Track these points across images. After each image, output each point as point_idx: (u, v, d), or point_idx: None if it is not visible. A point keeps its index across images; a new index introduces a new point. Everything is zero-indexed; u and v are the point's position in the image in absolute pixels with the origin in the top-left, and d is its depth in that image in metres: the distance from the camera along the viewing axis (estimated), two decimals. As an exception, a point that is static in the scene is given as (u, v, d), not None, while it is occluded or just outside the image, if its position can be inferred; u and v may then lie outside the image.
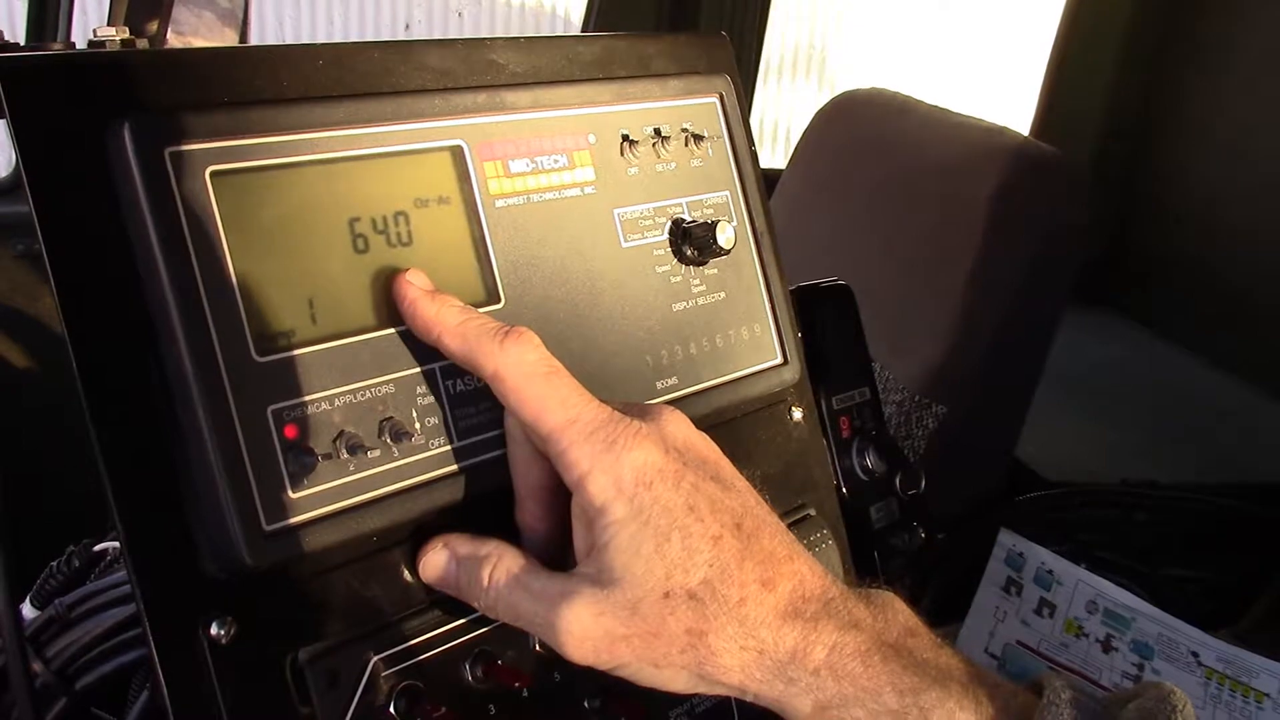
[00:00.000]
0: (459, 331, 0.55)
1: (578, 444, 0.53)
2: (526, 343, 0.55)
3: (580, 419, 0.54)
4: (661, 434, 0.55)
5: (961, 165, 1.73)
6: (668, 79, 0.73)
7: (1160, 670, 1.28)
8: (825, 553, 0.76)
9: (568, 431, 0.53)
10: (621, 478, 0.53)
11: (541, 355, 0.55)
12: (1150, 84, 2.73)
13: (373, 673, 0.55)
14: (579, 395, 0.55)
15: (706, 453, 0.57)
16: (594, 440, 0.53)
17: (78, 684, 0.71)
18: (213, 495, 0.50)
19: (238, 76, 0.56)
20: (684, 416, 0.58)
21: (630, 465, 0.53)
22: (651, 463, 0.53)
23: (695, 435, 0.57)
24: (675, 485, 0.53)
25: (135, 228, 0.50)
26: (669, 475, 0.53)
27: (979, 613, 1.36)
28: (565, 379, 0.55)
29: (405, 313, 0.56)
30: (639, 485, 0.53)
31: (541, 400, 0.54)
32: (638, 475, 0.53)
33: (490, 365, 0.55)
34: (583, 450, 0.53)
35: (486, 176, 0.62)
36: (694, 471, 0.54)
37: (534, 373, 0.54)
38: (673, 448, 0.55)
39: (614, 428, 0.54)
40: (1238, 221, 2.51)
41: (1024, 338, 1.68)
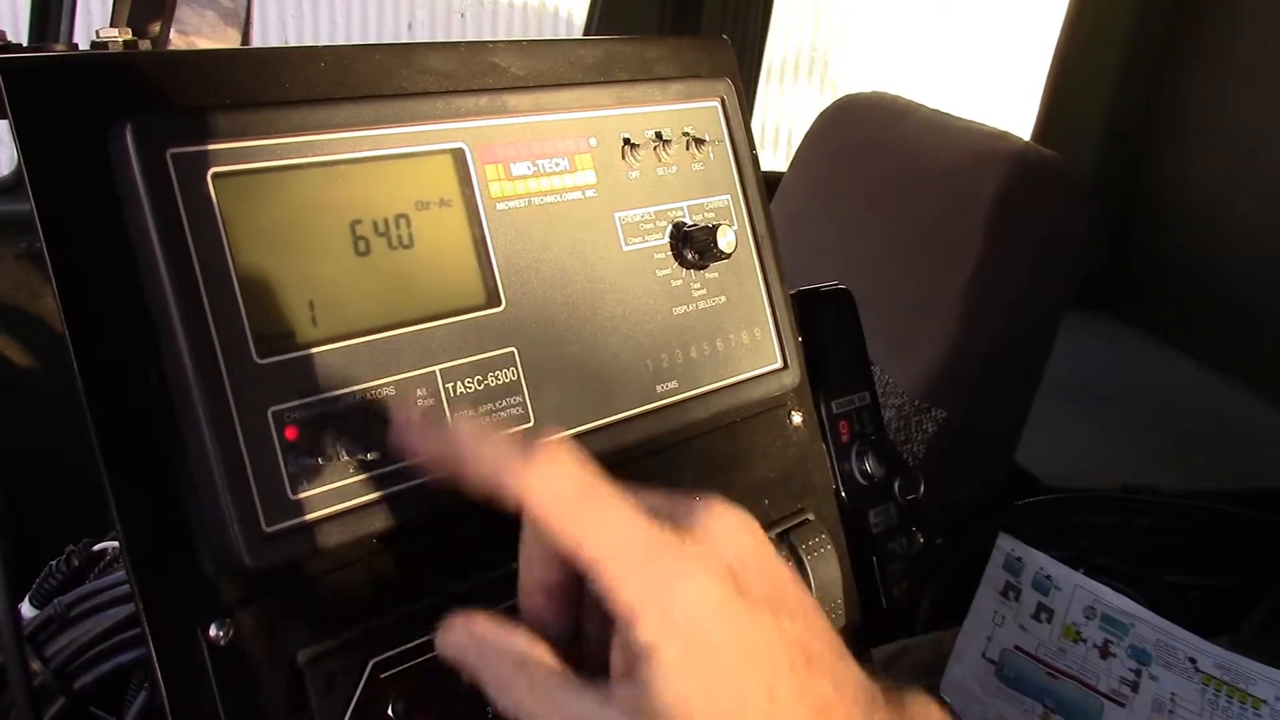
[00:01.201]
0: (478, 455, 0.50)
1: (625, 579, 0.47)
2: (555, 460, 0.49)
3: (624, 549, 0.48)
4: (716, 552, 0.49)
5: (963, 170, 1.73)
6: (669, 82, 0.73)
7: (1158, 676, 1.28)
8: (824, 557, 0.76)
9: (612, 564, 0.47)
10: (673, 618, 0.47)
11: (574, 472, 0.49)
12: (1151, 89, 2.74)
13: (371, 675, 0.55)
14: (620, 514, 0.48)
15: (762, 564, 0.51)
16: (643, 575, 0.47)
17: (76, 683, 0.71)
18: (213, 496, 0.50)
19: (240, 78, 0.56)
20: (734, 512, 0.52)
21: (683, 604, 0.47)
22: (707, 598, 0.47)
23: (750, 537, 0.51)
24: (730, 623, 0.48)
25: (137, 229, 0.50)
26: (724, 612, 0.48)
27: (977, 617, 1.36)
28: (603, 497, 0.49)
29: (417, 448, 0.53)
30: (693, 626, 0.47)
31: (579, 529, 0.48)
32: (690, 615, 0.47)
33: (514, 489, 0.49)
34: (631, 587, 0.47)
35: (488, 179, 0.62)
36: (750, 601, 0.49)
37: (566, 497, 0.48)
38: (728, 571, 0.49)
39: (664, 557, 0.48)
40: (1239, 226, 2.51)
41: (1024, 342, 1.68)
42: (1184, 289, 2.63)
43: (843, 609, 0.77)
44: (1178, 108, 2.70)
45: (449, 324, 0.59)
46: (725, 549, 0.50)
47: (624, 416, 0.66)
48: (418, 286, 0.59)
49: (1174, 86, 2.70)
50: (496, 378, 0.61)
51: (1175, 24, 2.68)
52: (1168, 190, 2.73)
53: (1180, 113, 2.70)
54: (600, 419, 0.65)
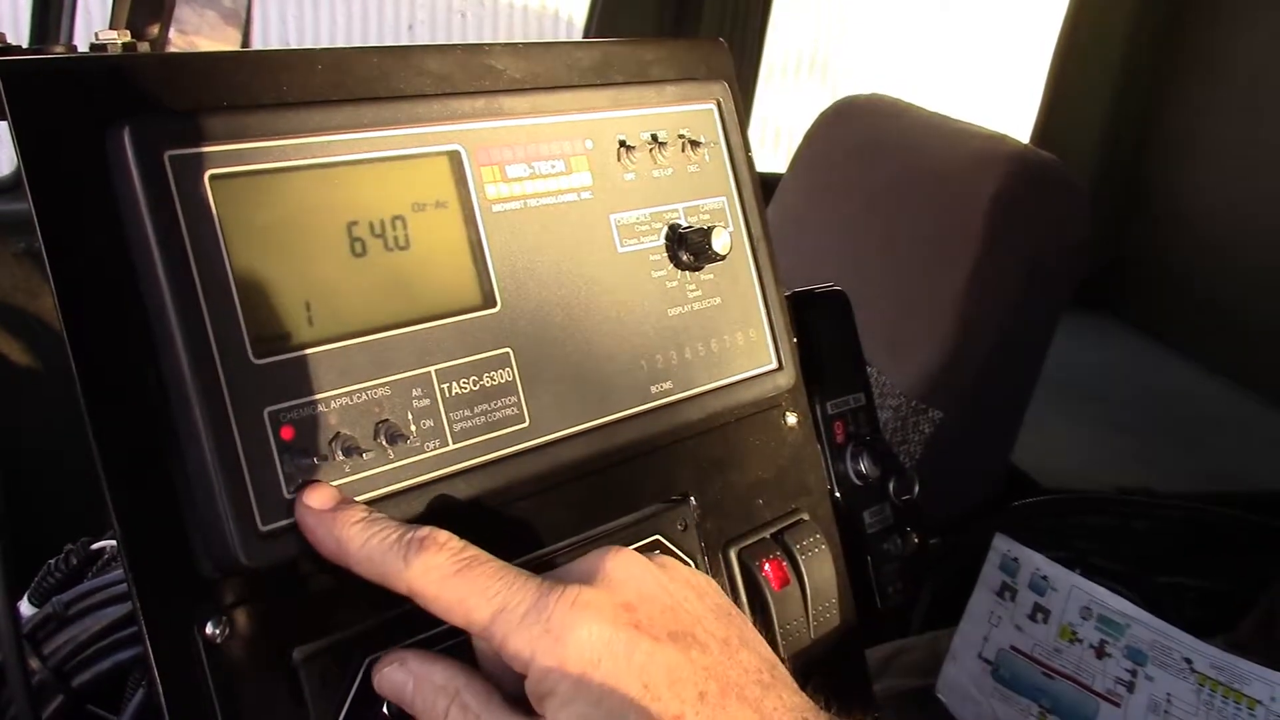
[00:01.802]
0: (363, 556, 0.52)
1: (513, 634, 0.49)
2: (430, 547, 0.51)
3: (508, 606, 0.50)
4: (608, 593, 0.51)
5: (961, 172, 1.73)
6: (665, 85, 0.73)
7: (1153, 676, 1.28)
8: (818, 558, 0.77)
9: (498, 622, 0.49)
10: (566, 661, 0.48)
11: (450, 553, 0.51)
12: (1150, 92, 2.74)
13: (366, 673, 0.55)
14: (500, 578, 0.50)
15: (670, 601, 0.52)
16: (528, 625, 0.49)
17: (74, 681, 0.72)
18: (209, 495, 0.51)
19: (238, 81, 0.56)
20: (631, 555, 0.53)
21: (574, 646, 0.48)
22: (597, 638, 0.49)
23: (649, 577, 0.53)
24: (628, 660, 0.49)
25: (135, 230, 0.51)
26: (619, 649, 0.49)
27: (973, 618, 1.37)
28: (481, 567, 0.51)
29: (310, 540, 0.53)
30: (586, 666, 0.48)
31: (464, 601, 0.50)
32: (583, 656, 0.48)
33: (403, 585, 0.51)
34: (520, 639, 0.49)
35: (484, 181, 0.63)
36: (649, 635, 0.50)
37: (445, 575, 0.50)
38: (623, 607, 0.50)
39: (547, 604, 0.49)
40: (1237, 228, 2.52)
41: (1021, 344, 1.69)
42: (1181, 291, 2.64)
43: (837, 609, 0.78)
44: (1176, 110, 2.71)
45: (445, 325, 0.60)
46: (621, 589, 0.51)
47: (619, 417, 0.66)
48: (414, 287, 0.59)
49: (1172, 89, 2.71)
50: (492, 378, 0.61)
51: (1174, 27, 2.68)
52: (1166, 192, 2.73)
53: (1178, 115, 2.70)
54: (595, 419, 0.65)
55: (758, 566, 0.74)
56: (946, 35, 6.65)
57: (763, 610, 0.74)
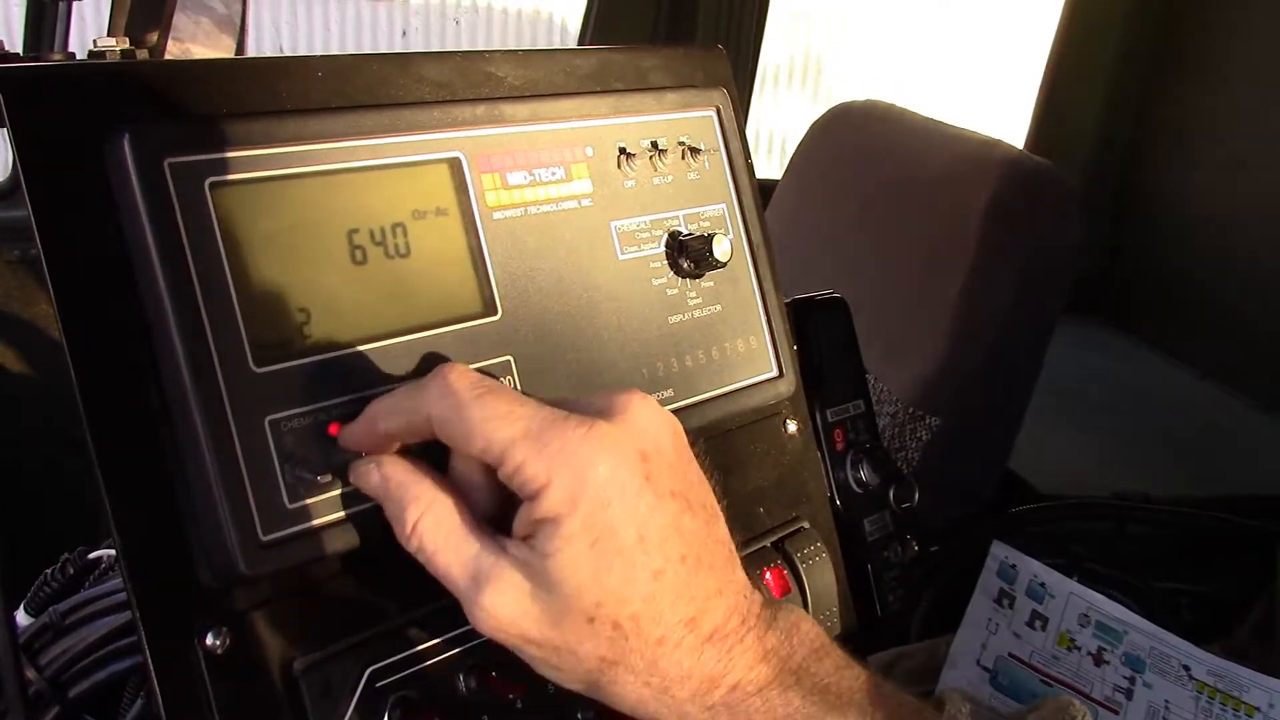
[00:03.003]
0: (384, 409, 0.53)
1: (533, 457, 0.49)
2: (449, 373, 0.51)
3: (530, 431, 0.49)
4: (629, 433, 0.51)
5: (956, 177, 1.73)
6: (665, 92, 0.73)
7: (1152, 683, 1.28)
8: (819, 565, 0.76)
9: (519, 445, 0.49)
10: (579, 494, 0.49)
11: (469, 380, 0.51)
12: (1144, 97, 2.75)
13: (367, 683, 0.55)
14: (522, 404, 0.50)
15: (676, 457, 0.53)
16: (550, 453, 0.49)
17: (71, 691, 0.71)
18: (210, 505, 0.50)
19: (237, 88, 0.56)
20: (653, 403, 0.53)
21: (591, 480, 0.49)
22: (612, 479, 0.49)
23: (666, 429, 0.53)
24: (633, 507, 0.50)
25: (134, 238, 0.51)
26: (629, 493, 0.50)
27: (971, 625, 1.36)
28: (503, 393, 0.51)
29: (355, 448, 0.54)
30: (596, 504, 0.49)
31: (484, 424, 0.50)
32: (598, 493, 0.49)
33: (422, 413, 0.51)
34: (539, 464, 0.49)
35: (484, 188, 0.62)
36: (655, 486, 0.51)
37: (466, 399, 0.50)
38: (639, 451, 0.51)
39: (573, 435, 0.49)
40: (1232, 233, 2.52)
41: (1018, 350, 1.68)
42: (1177, 296, 2.64)
43: (838, 617, 0.78)
44: (1170, 115, 2.71)
45: (446, 332, 0.59)
46: (641, 436, 0.51)
47: (620, 425, 0.66)
48: (414, 295, 0.59)
49: (1166, 94, 2.71)
50: (493, 386, 0.61)
51: (1168, 33, 2.69)
52: (1160, 197, 2.74)
53: (1173, 121, 2.71)
54: (596, 427, 0.65)
55: (759, 575, 0.74)
56: (940, 42, 6.66)
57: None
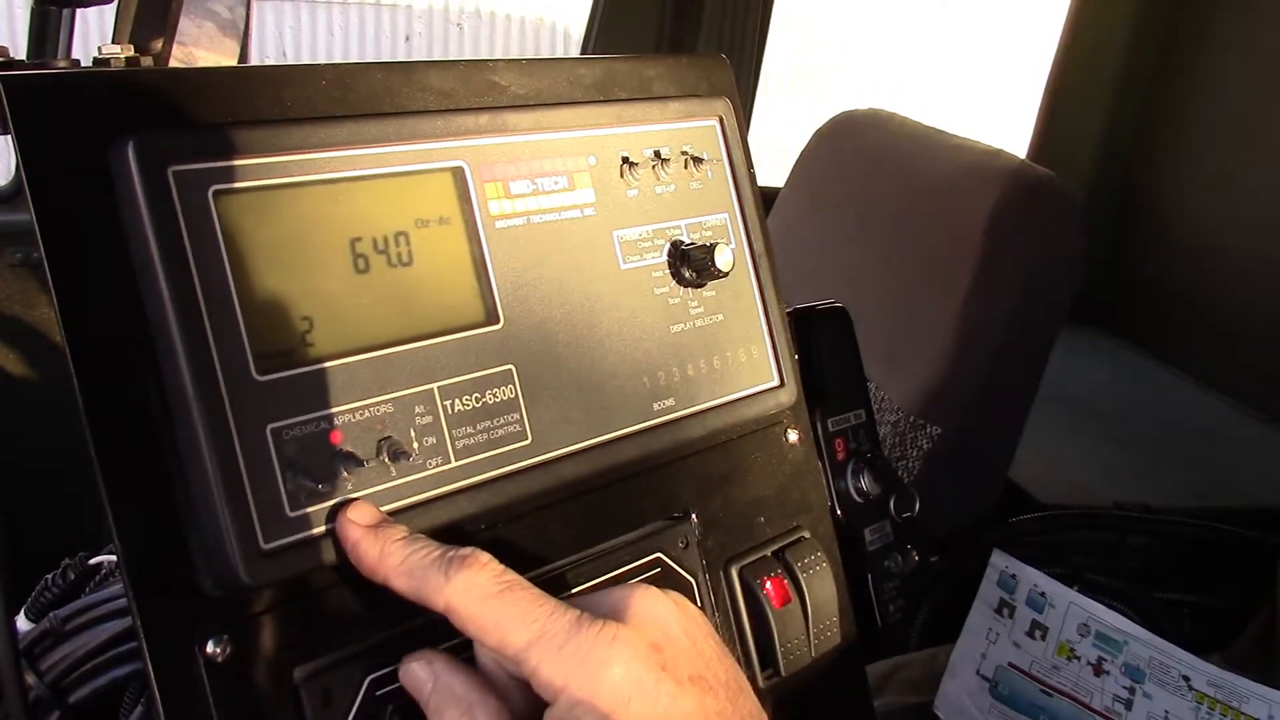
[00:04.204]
0: (404, 570, 0.53)
1: (548, 662, 0.50)
2: (472, 565, 0.52)
3: (546, 633, 0.50)
4: (639, 632, 0.52)
5: (958, 187, 1.74)
6: (668, 101, 0.73)
7: (1151, 694, 1.28)
8: (819, 575, 0.76)
9: (535, 649, 0.50)
10: (598, 696, 0.49)
11: (491, 574, 0.52)
12: (1147, 108, 2.75)
13: (367, 691, 0.55)
14: (540, 606, 0.51)
15: (691, 643, 0.54)
16: (565, 656, 0.50)
17: (71, 698, 0.71)
18: (211, 513, 0.50)
19: (242, 96, 0.56)
20: (657, 594, 0.55)
21: (608, 683, 0.49)
22: (629, 677, 0.50)
23: (674, 617, 0.54)
24: (654, 701, 0.50)
25: (138, 245, 0.51)
26: (648, 689, 0.50)
27: (971, 634, 1.37)
28: (522, 592, 0.52)
29: (350, 555, 0.54)
30: (617, 705, 0.49)
31: (501, 623, 0.51)
32: (615, 693, 0.49)
33: (441, 600, 0.52)
34: (555, 668, 0.50)
35: (487, 197, 0.63)
36: (673, 674, 0.51)
37: (486, 594, 0.51)
38: (652, 646, 0.51)
39: (586, 638, 0.50)
40: (1234, 244, 2.52)
41: (1019, 359, 1.69)
42: (1178, 306, 2.64)
43: (838, 626, 0.77)
44: (1172, 126, 2.72)
45: (448, 341, 0.60)
46: (651, 630, 0.52)
47: (621, 434, 0.66)
48: (417, 304, 0.59)
49: (1169, 105, 2.72)
50: (494, 395, 0.61)
51: (1171, 43, 2.69)
52: (1162, 208, 2.74)
53: (1175, 131, 2.71)
54: (597, 436, 0.65)
55: (759, 584, 0.73)
56: (943, 50, 6.67)
57: (764, 628, 0.73)
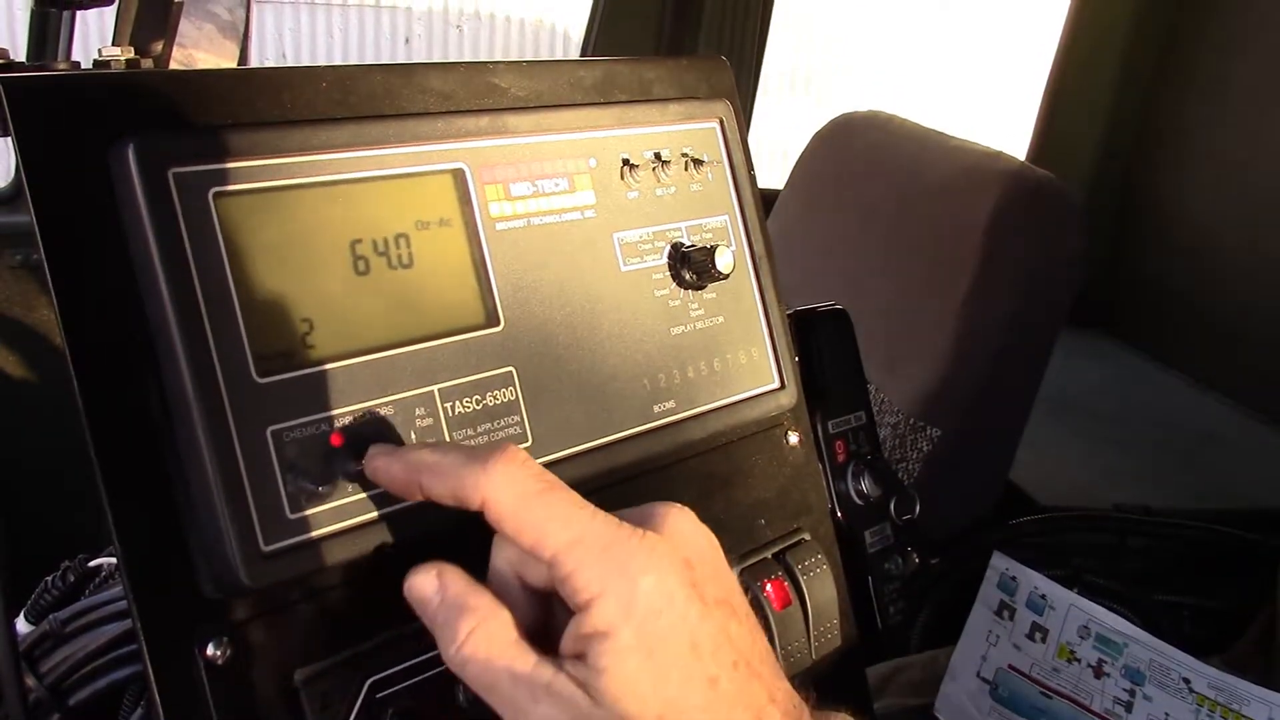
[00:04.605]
0: (438, 471, 0.52)
1: (587, 565, 0.49)
2: (512, 460, 0.51)
3: (586, 537, 0.50)
4: (676, 548, 0.51)
5: (958, 189, 1.74)
6: (668, 103, 0.73)
7: (1152, 696, 1.28)
8: (820, 577, 0.76)
9: (574, 551, 0.49)
10: (633, 604, 0.49)
11: (532, 471, 0.51)
12: (1147, 110, 2.75)
13: (367, 694, 0.55)
14: (580, 509, 0.51)
15: (716, 568, 0.54)
16: (604, 560, 0.49)
17: (71, 700, 0.71)
18: (211, 515, 0.50)
19: (242, 98, 0.56)
20: (691, 515, 0.54)
21: (644, 591, 0.49)
22: (665, 588, 0.50)
23: (705, 540, 0.54)
24: (684, 617, 0.50)
25: (138, 247, 0.51)
26: (679, 603, 0.50)
27: (971, 636, 1.36)
28: (562, 493, 0.51)
29: (382, 480, 0.54)
30: (649, 614, 0.49)
31: (540, 523, 0.50)
32: (649, 602, 0.49)
33: (478, 495, 0.50)
34: (593, 572, 0.49)
35: (487, 199, 0.63)
36: (701, 594, 0.51)
37: (526, 492, 0.50)
38: (685, 563, 0.51)
39: (627, 545, 0.50)
40: (1233, 245, 2.52)
41: (1019, 361, 1.69)
42: (1178, 308, 2.64)
43: (838, 629, 0.77)
44: (1172, 127, 2.72)
45: (448, 343, 0.59)
46: (684, 547, 0.52)
47: (621, 436, 0.66)
48: (417, 306, 0.59)
49: (1169, 106, 2.72)
50: (495, 397, 0.61)
51: (1171, 44, 2.69)
52: (1162, 210, 2.74)
53: (1174, 133, 2.71)
54: (598, 439, 0.65)
55: (759, 587, 0.73)
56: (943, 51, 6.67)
57: (764, 631, 0.73)
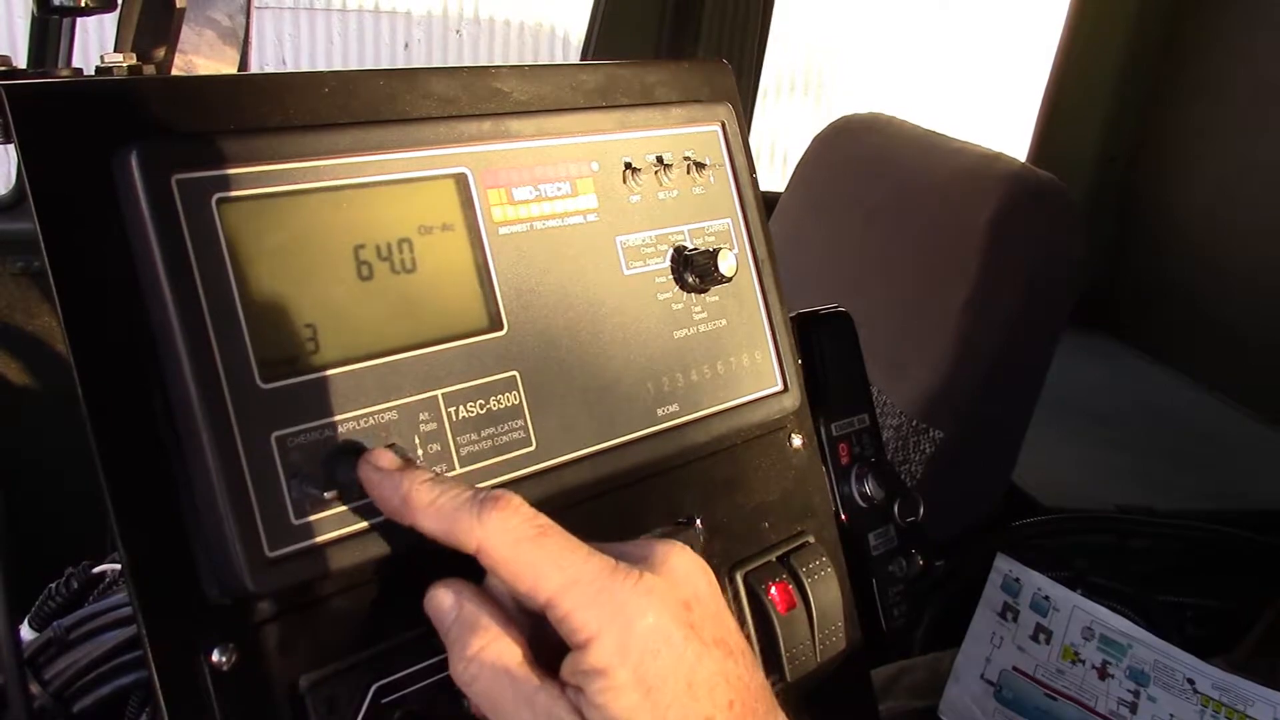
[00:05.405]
0: (433, 511, 0.52)
1: (582, 608, 0.49)
2: (506, 508, 0.51)
3: (581, 579, 0.50)
4: (674, 588, 0.52)
5: (958, 191, 1.73)
6: (670, 107, 0.73)
7: (1156, 697, 1.28)
8: (824, 580, 0.76)
9: (570, 593, 0.50)
10: (629, 645, 0.49)
11: (526, 517, 0.51)
12: (1146, 112, 2.75)
13: (373, 700, 0.55)
14: (574, 552, 0.51)
15: (715, 606, 0.54)
16: (600, 602, 0.50)
17: (75, 707, 0.71)
18: (216, 521, 0.50)
19: (245, 104, 0.56)
20: (690, 552, 0.55)
21: (640, 632, 0.49)
22: (660, 630, 0.50)
23: (704, 579, 0.54)
24: (681, 656, 0.50)
25: (141, 254, 0.51)
26: (677, 643, 0.50)
27: (975, 639, 1.36)
28: (556, 537, 0.51)
29: (374, 499, 0.54)
30: (646, 654, 0.49)
31: (535, 566, 0.50)
32: (646, 643, 0.49)
33: (473, 541, 0.51)
34: (588, 614, 0.49)
35: (490, 204, 0.63)
36: (699, 634, 0.51)
37: (520, 538, 0.50)
38: (681, 601, 0.52)
39: (622, 585, 0.50)
40: (1233, 248, 2.52)
41: (1021, 362, 1.68)
42: (1179, 309, 2.64)
43: (843, 631, 0.77)
44: (1172, 129, 2.72)
45: (451, 348, 0.59)
46: (682, 587, 0.52)
47: (625, 440, 0.66)
48: (420, 311, 0.59)
49: (1169, 109, 2.72)
50: (498, 401, 0.61)
51: (1171, 46, 2.69)
52: (1163, 211, 2.74)
53: (1175, 135, 2.71)
54: (601, 442, 0.65)
55: (764, 590, 0.73)
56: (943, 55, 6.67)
57: (769, 634, 0.73)
